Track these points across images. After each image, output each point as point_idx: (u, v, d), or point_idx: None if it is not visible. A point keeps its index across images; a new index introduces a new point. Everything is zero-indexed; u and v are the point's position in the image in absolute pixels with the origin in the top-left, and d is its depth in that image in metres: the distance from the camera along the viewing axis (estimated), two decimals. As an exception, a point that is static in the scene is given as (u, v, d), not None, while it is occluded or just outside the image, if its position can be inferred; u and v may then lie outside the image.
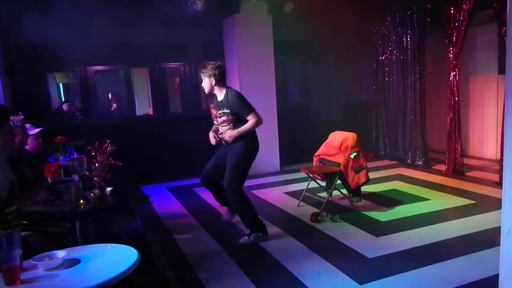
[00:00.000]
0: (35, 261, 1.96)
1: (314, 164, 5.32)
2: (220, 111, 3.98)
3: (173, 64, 8.51)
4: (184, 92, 8.53)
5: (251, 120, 3.93)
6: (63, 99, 9.33)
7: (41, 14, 5.35)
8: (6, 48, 5.99)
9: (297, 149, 7.12)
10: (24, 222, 2.66)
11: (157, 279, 3.32)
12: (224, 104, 3.96)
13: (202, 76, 4.02)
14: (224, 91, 3.99)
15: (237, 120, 3.96)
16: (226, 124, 3.98)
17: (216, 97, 4.05)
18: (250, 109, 3.95)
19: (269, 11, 6.80)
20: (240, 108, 3.93)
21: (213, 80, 3.94)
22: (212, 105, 4.11)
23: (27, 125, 3.71)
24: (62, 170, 3.63)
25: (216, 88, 4.00)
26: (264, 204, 5.38)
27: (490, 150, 7.20)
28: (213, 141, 4.12)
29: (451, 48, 6.08)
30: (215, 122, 4.11)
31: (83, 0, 5.67)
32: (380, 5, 7.17)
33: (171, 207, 5.49)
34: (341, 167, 4.83)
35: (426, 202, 5.06)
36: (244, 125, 3.94)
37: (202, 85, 4.10)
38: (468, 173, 6.26)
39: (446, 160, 6.39)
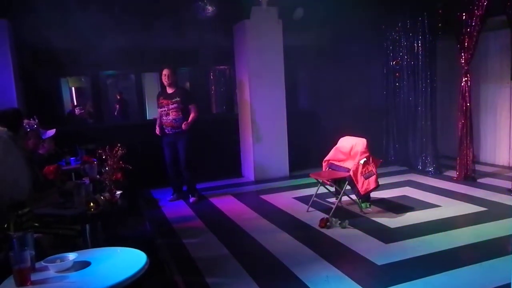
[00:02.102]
0: (46, 263, 1.99)
1: (324, 170, 5.31)
2: (173, 100, 5.45)
3: (184, 69, 8.57)
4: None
5: (194, 112, 5.48)
6: (75, 103, 9.45)
7: (55, 20, 5.45)
8: (20, 52, 6.10)
9: (306, 154, 7.10)
10: (36, 224, 2.70)
11: (166, 283, 3.34)
12: (175, 94, 5.47)
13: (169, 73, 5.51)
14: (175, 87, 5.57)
15: (184, 108, 5.45)
16: (174, 110, 5.43)
17: (166, 90, 5.59)
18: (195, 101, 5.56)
19: (280, 16, 6.84)
20: (188, 99, 5.55)
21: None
22: (162, 97, 5.58)
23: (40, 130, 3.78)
24: (73, 173, 3.68)
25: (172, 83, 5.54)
26: (272, 209, 5.38)
27: (502, 157, 7.11)
28: (158, 130, 5.60)
29: (462, 54, 6.03)
30: (163, 109, 5.49)
31: (96, 6, 5.76)
32: (391, 10, 7.14)
33: (180, 211, 5.52)
34: (351, 173, 4.81)
35: (437, 209, 5.01)
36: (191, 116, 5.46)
37: (167, 79, 5.49)
38: (480, 180, 6.18)
39: (457, 166, 6.31)
